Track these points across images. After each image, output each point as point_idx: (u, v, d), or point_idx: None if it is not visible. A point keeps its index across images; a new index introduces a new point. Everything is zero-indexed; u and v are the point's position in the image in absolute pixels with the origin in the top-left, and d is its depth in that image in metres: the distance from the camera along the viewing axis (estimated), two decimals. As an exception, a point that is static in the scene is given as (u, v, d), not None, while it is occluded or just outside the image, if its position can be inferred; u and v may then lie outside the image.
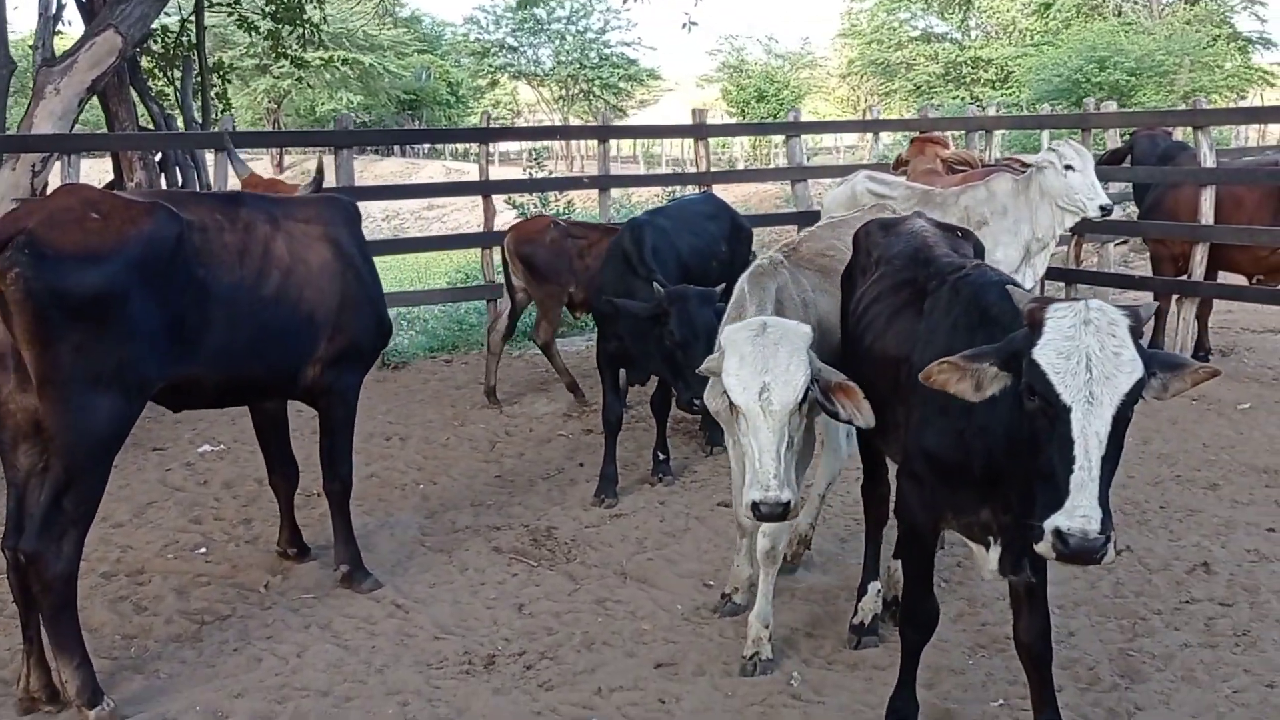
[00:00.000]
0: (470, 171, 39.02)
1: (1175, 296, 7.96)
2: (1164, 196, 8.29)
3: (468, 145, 44.61)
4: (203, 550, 5.06)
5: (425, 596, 4.61)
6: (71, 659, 3.57)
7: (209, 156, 8.45)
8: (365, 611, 4.46)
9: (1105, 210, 6.50)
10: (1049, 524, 2.54)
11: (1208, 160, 7.65)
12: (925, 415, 3.17)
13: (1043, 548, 2.57)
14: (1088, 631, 4.29)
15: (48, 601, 3.54)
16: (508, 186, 10.30)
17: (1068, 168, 6.54)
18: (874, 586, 4.20)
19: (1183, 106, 15.98)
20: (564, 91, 43.14)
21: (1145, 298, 9.89)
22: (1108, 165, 8.53)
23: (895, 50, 42.86)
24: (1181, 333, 7.85)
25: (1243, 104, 24.60)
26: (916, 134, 9.14)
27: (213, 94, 10.02)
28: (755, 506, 3.15)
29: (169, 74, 9.92)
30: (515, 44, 43.16)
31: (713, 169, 9.44)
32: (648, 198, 17.74)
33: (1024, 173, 7.00)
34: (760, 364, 3.21)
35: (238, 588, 4.72)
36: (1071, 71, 20.82)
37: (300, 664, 4.03)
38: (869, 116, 11.59)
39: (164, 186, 8.93)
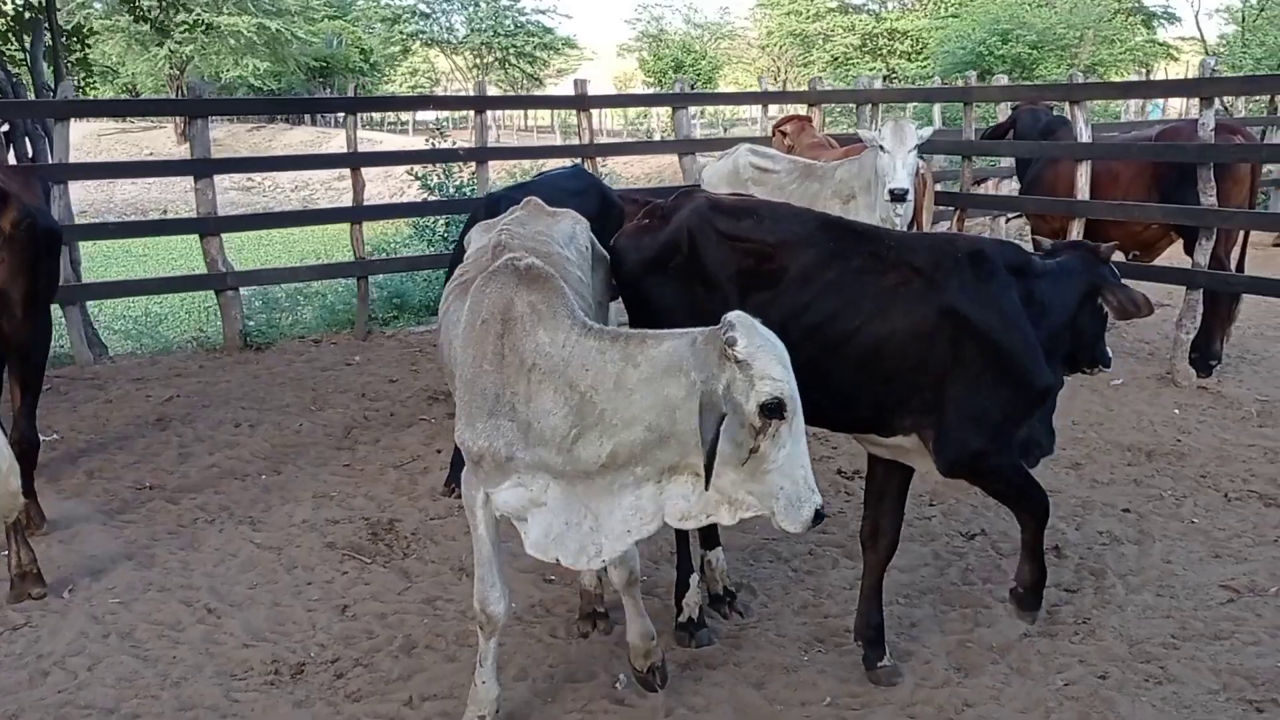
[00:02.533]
0: (384, 141, 38.14)
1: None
2: (1044, 171, 8.25)
3: (384, 114, 44.10)
4: (4, 553, 4.71)
5: (242, 599, 4.34)
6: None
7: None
8: (173, 617, 4.17)
9: (893, 194, 6.47)
10: None
11: (1083, 135, 7.59)
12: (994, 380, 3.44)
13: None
14: (930, 622, 4.19)
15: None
16: (375, 159, 9.92)
17: (880, 148, 6.60)
18: (694, 579, 4.03)
19: (1091, 79, 16.21)
20: (478, 60, 42.32)
21: None
22: (991, 139, 8.47)
23: (813, 21, 42.85)
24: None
25: (1152, 78, 25.08)
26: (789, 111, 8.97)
27: (72, 59, 9.45)
28: (819, 515, 2.76)
29: (20, 38, 9.34)
30: (428, 10, 42.20)
31: (613, 140, 9.17)
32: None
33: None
34: (784, 353, 2.75)
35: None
36: (975, 44, 20.91)
37: (90, 678, 3.74)
38: (765, 88, 11.46)
39: (12, 157, 8.39)
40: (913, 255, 3.52)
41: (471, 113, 9.06)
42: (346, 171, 8.53)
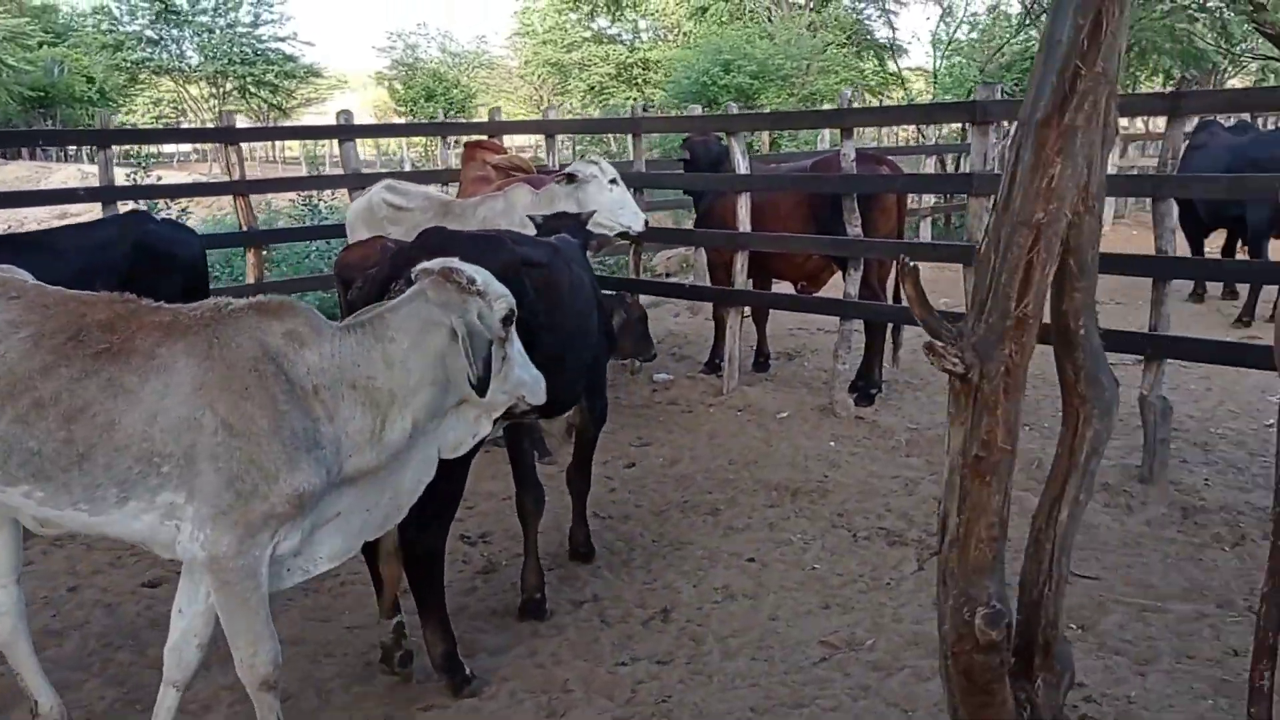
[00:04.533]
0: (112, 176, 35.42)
1: (723, 307, 7.76)
2: (715, 204, 8.13)
3: (126, 148, 40.94)
4: None
5: None
6: None
7: None
8: None
9: (647, 225, 6.73)
10: None
11: (740, 166, 7.49)
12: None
13: None
14: (501, 714, 3.74)
15: None
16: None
17: (612, 183, 6.56)
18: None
19: (824, 107, 16.75)
20: (216, 89, 40.05)
21: (702, 308, 9.87)
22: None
23: (568, 51, 43.04)
24: (729, 342, 7.66)
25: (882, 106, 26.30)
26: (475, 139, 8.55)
27: None
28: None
29: None
30: (155, 36, 39.61)
31: (291, 175, 8.41)
32: (284, 204, 16.27)
33: (550, 185, 6.62)
34: None
35: None
36: (699, 74, 21.31)
37: None
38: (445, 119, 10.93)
39: None
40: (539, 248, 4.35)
41: (225, 145, 8.15)
42: (68, 209, 7.65)
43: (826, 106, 19.08)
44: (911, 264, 2.55)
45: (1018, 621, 2.78)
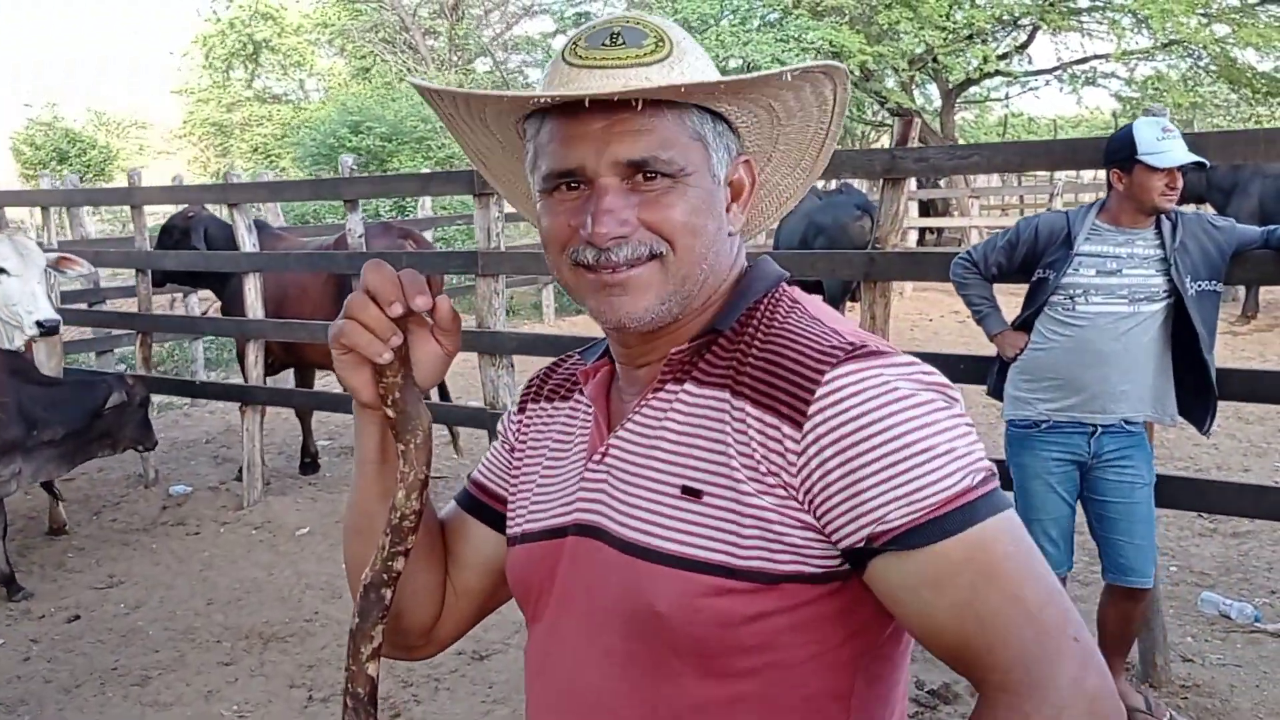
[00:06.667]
0: None
1: (239, 406, 6.66)
2: (240, 285, 7.03)
3: None
4: None
5: None
6: None
7: None
8: None
9: (44, 327, 5.36)
10: None
11: (246, 243, 6.47)
12: None
13: None
14: None
15: None
16: None
17: (1, 271, 5.33)
18: None
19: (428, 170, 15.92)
20: None
21: (219, 408, 8.75)
22: (163, 248, 7.08)
23: (229, 111, 40.72)
24: (248, 447, 6.57)
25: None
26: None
27: None
28: None
29: None
30: None
31: None
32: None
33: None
34: None
35: None
36: (326, 136, 20.15)
37: None
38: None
39: None
40: None
41: None
42: None
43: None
44: None
45: None
